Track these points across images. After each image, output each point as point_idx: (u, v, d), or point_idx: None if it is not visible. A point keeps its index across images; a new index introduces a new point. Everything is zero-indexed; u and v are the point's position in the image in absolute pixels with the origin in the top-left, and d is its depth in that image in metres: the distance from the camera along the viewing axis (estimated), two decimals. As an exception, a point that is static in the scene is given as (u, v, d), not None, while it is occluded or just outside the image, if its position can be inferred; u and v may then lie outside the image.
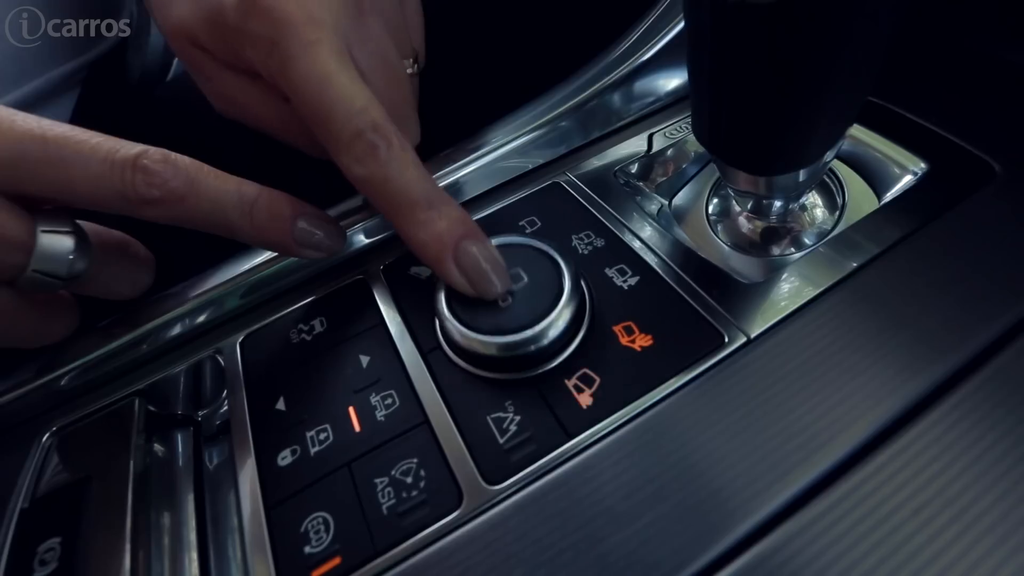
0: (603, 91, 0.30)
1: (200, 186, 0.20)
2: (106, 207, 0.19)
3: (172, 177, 0.20)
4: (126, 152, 0.19)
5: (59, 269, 0.20)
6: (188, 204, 0.20)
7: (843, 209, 0.25)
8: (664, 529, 0.16)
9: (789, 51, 0.17)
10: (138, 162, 0.19)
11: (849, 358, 0.19)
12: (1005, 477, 0.16)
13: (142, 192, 0.19)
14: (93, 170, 0.19)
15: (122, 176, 0.19)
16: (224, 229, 0.22)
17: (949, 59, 0.28)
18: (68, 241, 0.20)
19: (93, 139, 0.19)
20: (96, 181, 0.19)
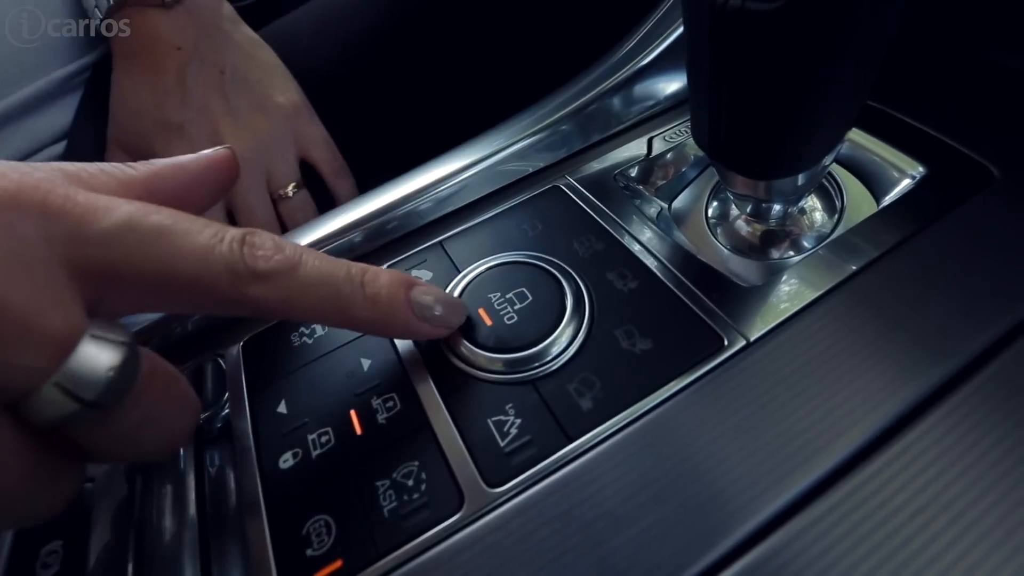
0: (603, 95, 0.30)
1: (308, 256, 0.19)
2: (210, 286, 0.17)
3: (280, 249, 0.18)
4: (233, 230, 0.18)
5: (87, 389, 0.15)
6: (299, 275, 0.18)
7: (842, 212, 0.25)
8: (664, 532, 0.16)
9: (788, 57, 0.17)
10: (247, 237, 0.18)
11: (848, 361, 0.19)
12: (1002, 480, 0.16)
13: (251, 264, 0.17)
14: (201, 242, 0.17)
15: (231, 248, 0.17)
16: (334, 304, 0.19)
17: (947, 64, 0.28)
18: (115, 354, 0.15)
19: (197, 220, 0.18)
20: (204, 253, 0.17)
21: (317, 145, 0.40)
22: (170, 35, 0.35)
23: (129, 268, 0.16)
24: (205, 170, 0.21)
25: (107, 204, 0.16)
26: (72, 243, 0.15)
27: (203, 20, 0.37)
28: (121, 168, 0.19)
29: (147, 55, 0.35)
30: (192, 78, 0.36)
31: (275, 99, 0.38)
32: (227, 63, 0.37)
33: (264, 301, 0.18)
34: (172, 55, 0.35)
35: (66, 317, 0.15)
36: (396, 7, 0.41)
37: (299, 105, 0.39)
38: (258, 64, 0.39)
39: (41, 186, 0.15)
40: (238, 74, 0.38)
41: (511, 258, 0.24)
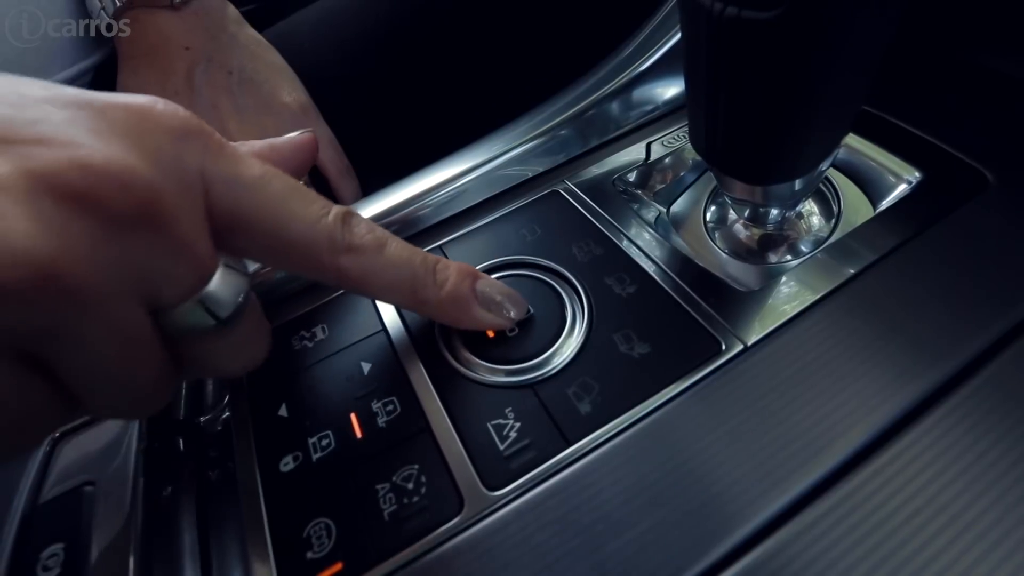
0: (602, 100, 0.30)
1: (393, 240, 0.21)
2: (310, 250, 0.19)
3: (372, 230, 0.20)
4: (338, 207, 0.20)
5: (223, 308, 0.17)
6: (384, 254, 0.20)
7: (839, 217, 0.26)
8: (662, 535, 0.16)
9: (784, 64, 0.17)
10: (347, 215, 0.20)
11: (844, 365, 0.19)
12: (998, 482, 0.16)
13: (348, 238, 0.19)
14: (313, 211, 0.19)
15: (335, 221, 0.19)
16: (408, 285, 0.21)
17: (943, 70, 0.28)
18: (243, 281, 0.18)
19: (310, 192, 0.19)
20: (313, 221, 0.19)
21: (323, 145, 0.40)
22: (179, 36, 0.36)
23: (256, 219, 0.18)
24: (293, 151, 0.23)
25: (248, 159, 0.18)
26: (223, 184, 0.17)
27: (211, 22, 0.37)
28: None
29: (155, 56, 0.35)
30: (200, 78, 0.36)
31: (282, 99, 0.38)
32: (234, 64, 0.37)
33: (349, 272, 0.20)
34: (181, 55, 0.36)
35: (209, 246, 0.17)
36: (396, 11, 0.42)
37: (305, 105, 0.40)
38: (264, 65, 0.39)
39: (204, 127, 0.17)
40: (245, 75, 0.38)
41: (512, 270, 0.24)
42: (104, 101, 0.15)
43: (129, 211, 0.14)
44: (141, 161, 0.15)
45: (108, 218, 0.14)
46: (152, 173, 0.15)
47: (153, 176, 0.15)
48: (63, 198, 0.13)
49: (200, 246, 0.16)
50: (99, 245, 0.14)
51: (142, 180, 0.15)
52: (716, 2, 0.16)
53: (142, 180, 0.15)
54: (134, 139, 0.15)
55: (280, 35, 0.42)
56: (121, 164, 0.14)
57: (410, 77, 0.41)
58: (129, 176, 0.14)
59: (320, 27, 0.43)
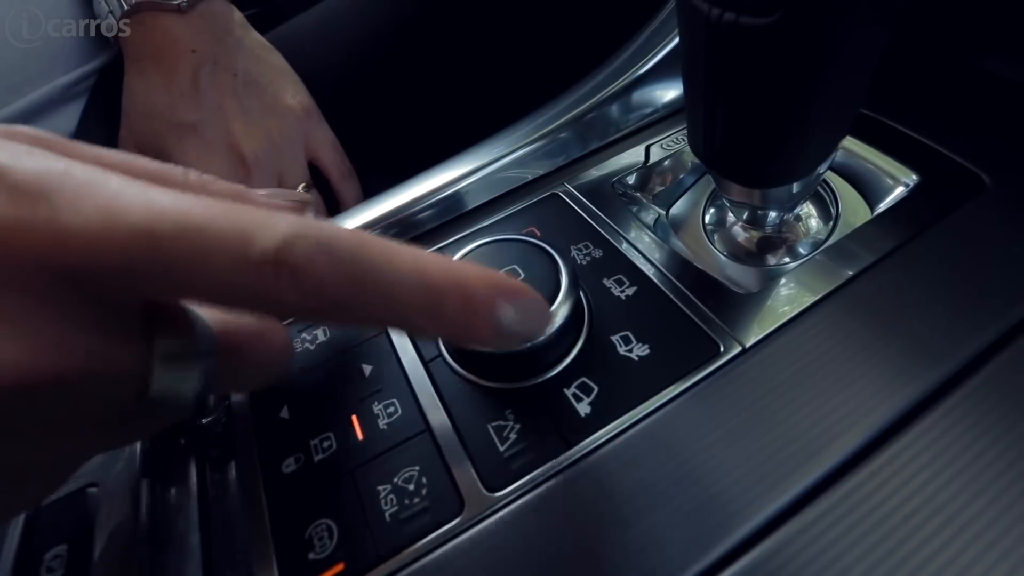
0: (601, 103, 0.30)
1: (368, 278, 0.14)
2: (247, 311, 0.15)
3: (329, 273, 0.13)
4: (264, 244, 0.13)
5: (182, 395, 0.15)
6: (351, 310, 0.14)
7: (837, 219, 0.26)
8: (661, 536, 0.17)
9: (781, 70, 0.17)
10: (280, 257, 0.13)
11: (842, 367, 0.19)
12: (994, 483, 0.16)
13: (290, 303, 0.13)
14: (222, 273, 0.13)
15: (260, 278, 0.13)
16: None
17: (940, 72, 0.28)
18: (193, 372, 0.15)
19: (215, 223, 0.13)
20: (228, 288, 0.13)
21: (325, 148, 0.40)
22: (185, 39, 0.36)
23: (150, 295, 0.15)
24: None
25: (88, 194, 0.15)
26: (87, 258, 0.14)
27: (216, 25, 0.38)
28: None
29: (162, 58, 0.36)
30: (206, 80, 0.36)
31: (286, 101, 0.39)
32: (239, 66, 0.38)
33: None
34: (187, 58, 0.36)
35: (126, 351, 0.14)
36: (396, 14, 0.42)
37: (309, 108, 0.40)
38: (269, 67, 0.39)
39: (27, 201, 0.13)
40: (250, 77, 0.38)
41: (503, 236, 0.23)
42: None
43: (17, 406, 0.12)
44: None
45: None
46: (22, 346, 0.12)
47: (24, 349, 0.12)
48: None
49: (112, 367, 0.13)
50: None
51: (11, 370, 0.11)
52: (714, 8, 0.17)
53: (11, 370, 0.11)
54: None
55: (282, 38, 0.42)
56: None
57: (411, 80, 0.41)
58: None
59: (321, 31, 0.44)
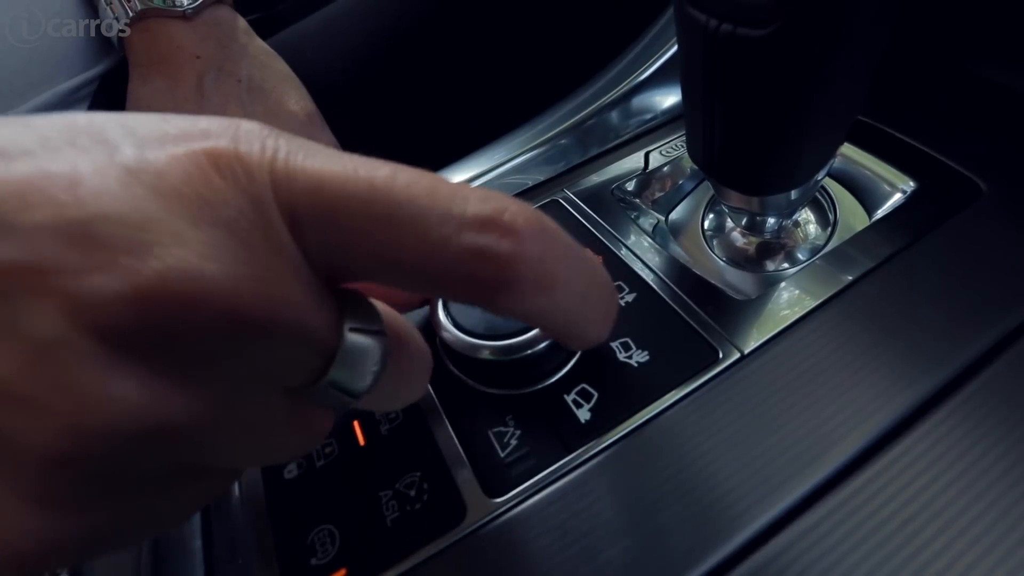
0: (601, 110, 0.31)
1: (575, 267, 0.13)
2: (439, 287, 0.13)
3: (546, 251, 0.13)
4: (483, 206, 0.12)
5: (357, 383, 0.14)
6: (556, 295, 0.13)
7: (835, 225, 0.26)
8: (660, 541, 0.17)
9: (779, 80, 0.17)
10: (500, 221, 0.12)
11: (841, 372, 0.19)
12: (991, 488, 0.16)
13: (502, 272, 0.12)
14: (430, 232, 0.12)
15: (474, 244, 0.12)
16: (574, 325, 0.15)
17: (937, 79, 0.28)
18: (376, 348, 0.14)
19: (423, 180, 0.12)
20: (433, 250, 0.12)
21: None
22: (190, 45, 0.36)
23: (350, 264, 0.14)
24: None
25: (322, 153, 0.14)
26: (313, 210, 0.13)
27: (221, 32, 0.38)
28: None
29: (166, 64, 0.36)
30: (210, 86, 0.37)
31: (289, 107, 0.39)
32: (243, 72, 0.38)
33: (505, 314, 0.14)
34: (191, 64, 0.36)
35: (326, 317, 0.13)
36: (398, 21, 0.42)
37: (312, 113, 0.40)
38: (273, 73, 0.40)
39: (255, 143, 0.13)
40: (254, 83, 0.38)
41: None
42: (154, 158, 0.11)
43: (221, 336, 0.11)
44: (222, 261, 0.11)
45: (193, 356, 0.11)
46: (245, 274, 0.11)
47: (246, 278, 0.11)
48: (131, 348, 0.10)
49: (313, 323, 0.13)
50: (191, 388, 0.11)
51: (231, 295, 0.11)
52: (712, 19, 0.17)
53: (231, 295, 0.11)
54: (206, 218, 0.11)
55: (284, 43, 0.42)
56: (199, 286, 0.10)
57: (413, 86, 0.41)
58: (212, 297, 0.11)
59: (323, 36, 0.44)
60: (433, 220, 0.12)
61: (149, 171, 0.11)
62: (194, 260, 0.11)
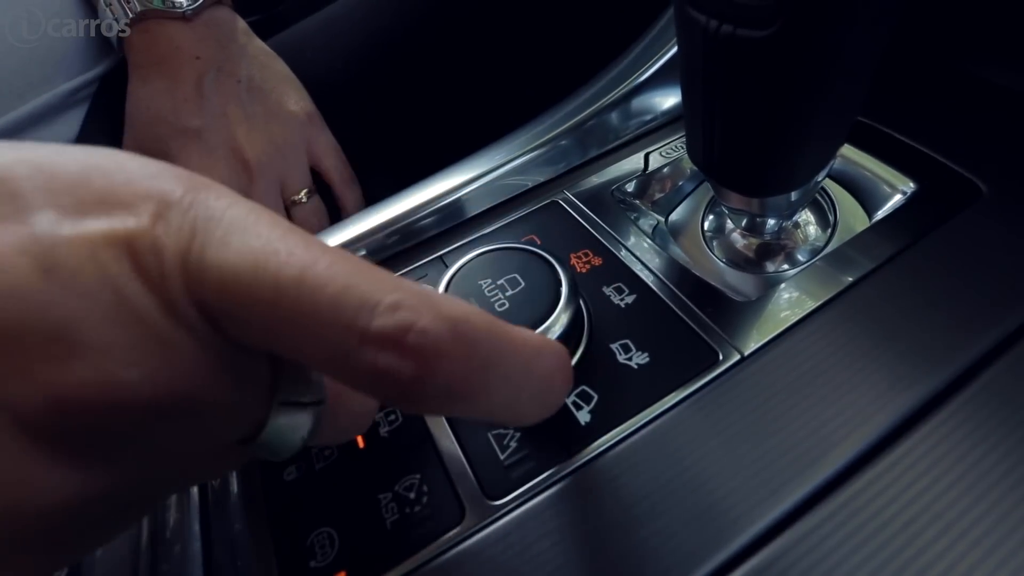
0: (601, 110, 0.31)
1: (501, 371, 0.13)
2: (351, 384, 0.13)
3: (460, 365, 0.12)
4: (387, 320, 0.11)
5: (284, 449, 0.14)
6: (475, 403, 0.13)
7: (835, 227, 0.26)
8: (660, 544, 0.17)
9: (779, 81, 0.17)
10: (404, 340, 0.11)
11: (841, 374, 0.19)
12: (992, 490, 0.16)
13: (407, 390, 0.12)
14: (333, 343, 0.11)
15: (375, 363, 0.11)
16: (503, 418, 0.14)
17: (937, 80, 0.28)
18: (307, 418, 0.14)
19: (335, 279, 0.11)
20: (338, 360, 0.12)
21: (328, 153, 0.40)
22: (190, 46, 0.36)
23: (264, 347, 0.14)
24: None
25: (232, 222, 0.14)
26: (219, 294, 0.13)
27: (221, 33, 0.38)
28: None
29: (167, 64, 0.36)
30: (210, 86, 0.37)
31: (289, 107, 0.39)
32: (243, 73, 0.38)
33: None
34: (191, 64, 0.36)
35: (255, 391, 0.13)
36: (397, 22, 0.42)
37: (311, 114, 0.40)
38: (272, 74, 0.40)
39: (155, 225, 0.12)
40: (254, 83, 0.38)
41: (505, 245, 0.23)
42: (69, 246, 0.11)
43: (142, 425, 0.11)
44: (139, 365, 0.11)
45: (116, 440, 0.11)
46: (162, 374, 0.11)
47: (164, 378, 0.11)
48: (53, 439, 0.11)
49: (237, 404, 0.13)
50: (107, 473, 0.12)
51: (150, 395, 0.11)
52: (712, 20, 0.17)
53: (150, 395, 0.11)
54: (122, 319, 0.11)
55: (283, 44, 0.42)
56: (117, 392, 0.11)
57: (412, 87, 0.41)
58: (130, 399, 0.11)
59: (322, 37, 0.44)
60: (335, 331, 0.11)
61: (64, 267, 0.11)
62: (111, 368, 0.11)
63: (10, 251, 0.10)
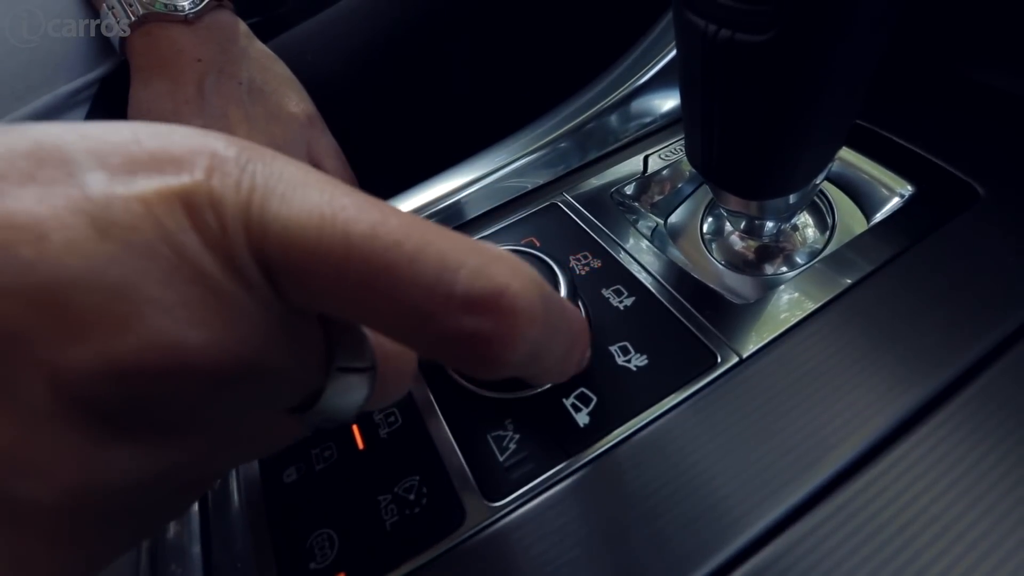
0: (600, 113, 0.31)
1: (565, 324, 0.14)
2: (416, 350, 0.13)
3: (542, 332, 0.12)
4: (481, 282, 0.11)
5: (342, 414, 0.14)
6: (541, 363, 0.13)
7: (833, 229, 0.26)
8: (658, 546, 0.17)
9: (777, 85, 0.17)
10: (491, 301, 0.11)
11: (839, 376, 0.19)
12: (988, 493, 0.16)
13: (483, 354, 0.12)
14: (413, 307, 0.11)
15: (455, 326, 0.11)
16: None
17: (934, 84, 0.29)
18: (363, 383, 0.14)
19: (411, 235, 0.11)
20: (407, 321, 0.11)
21: (328, 155, 0.40)
22: (191, 48, 0.36)
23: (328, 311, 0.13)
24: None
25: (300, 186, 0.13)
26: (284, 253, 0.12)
27: (222, 35, 0.38)
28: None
29: (168, 67, 0.36)
30: (211, 88, 0.37)
31: (290, 109, 0.39)
32: (244, 75, 0.38)
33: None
34: (192, 67, 0.36)
35: (310, 358, 0.13)
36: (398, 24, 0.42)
37: (312, 115, 0.40)
38: (273, 76, 0.40)
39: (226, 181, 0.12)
40: (255, 85, 0.39)
41: (504, 248, 0.23)
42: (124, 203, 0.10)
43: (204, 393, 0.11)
44: (200, 326, 0.10)
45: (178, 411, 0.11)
46: (224, 335, 0.11)
47: (226, 339, 0.11)
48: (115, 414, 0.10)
49: (297, 369, 0.12)
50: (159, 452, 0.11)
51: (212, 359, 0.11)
52: (711, 25, 0.17)
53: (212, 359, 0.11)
54: (182, 277, 0.10)
55: (284, 46, 0.42)
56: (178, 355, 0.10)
57: (412, 89, 0.41)
58: (192, 364, 0.10)
59: (323, 39, 0.44)
60: (416, 293, 0.11)
61: (120, 224, 0.10)
62: (172, 330, 0.10)
63: (64, 211, 0.10)
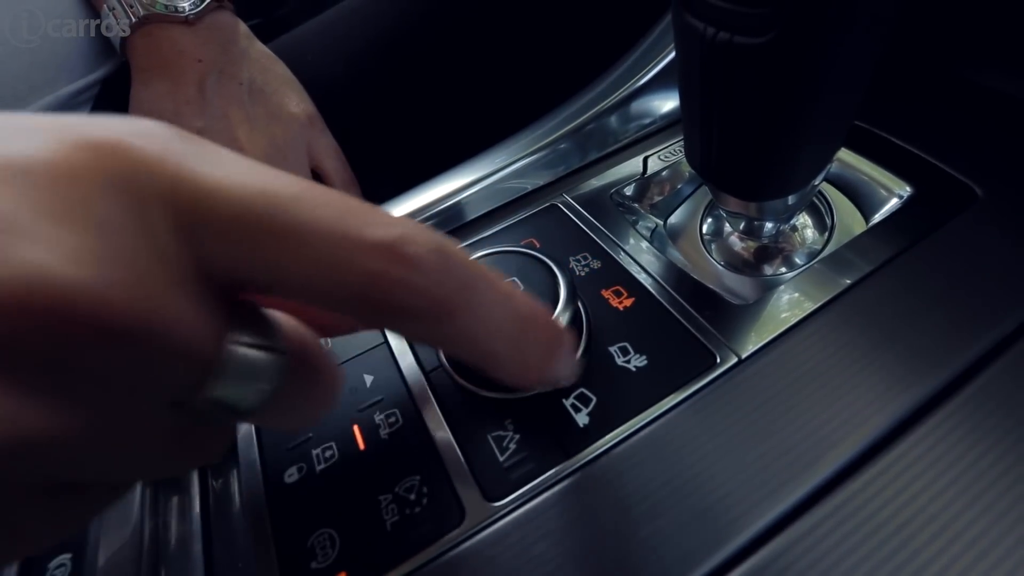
0: (600, 114, 0.31)
1: (475, 292, 0.14)
2: (336, 308, 0.13)
3: (444, 279, 0.13)
4: (383, 232, 0.12)
5: (241, 401, 0.13)
6: (456, 325, 0.13)
7: (832, 230, 0.26)
8: (657, 546, 0.17)
9: (776, 86, 0.17)
10: (398, 249, 0.12)
11: (838, 376, 0.20)
12: (987, 492, 0.16)
13: (396, 298, 0.12)
14: (327, 254, 0.12)
15: (369, 269, 0.12)
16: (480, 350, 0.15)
17: (933, 85, 0.29)
18: (267, 364, 0.13)
19: (331, 201, 0.12)
20: (328, 272, 0.12)
21: (328, 155, 0.41)
22: (192, 49, 0.37)
23: (242, 275, 0.13)
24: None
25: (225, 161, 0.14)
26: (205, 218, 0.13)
27: (223, 36, 0.38)
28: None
29: (169, 68, 0.36)
30: (212, 89, 0.37)
31: (290, 109, 0.39)
32: (245, 75, 0.38)
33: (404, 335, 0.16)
34: (193, 67, 0.37)
35: (206, 329, 0.12)
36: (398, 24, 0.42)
37: (312, 116, 0.40)
38: (274, 76, 0.40)
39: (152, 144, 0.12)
40: (255, 86, 0.39)
41: (504, 248, 0.23)
42: (36, 147, 0.10)
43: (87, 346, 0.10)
44: (86, 266, 0.10)
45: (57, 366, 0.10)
46: (111, 280, 0.10)
47: (112, 284, 0.10)
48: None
49: (190, 333, 0.12)
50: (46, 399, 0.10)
51: (95, 302, 0.10)
52: (709, 27, 0.17)
53: (95, 302, 0.10)
54: (78, 218, 0.10)
55: (284, 47, 0.43)
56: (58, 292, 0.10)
57: (412, 89, 0.42)
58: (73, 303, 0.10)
59: (323, 40, 0.44)
60: (332, 241, 0.12)
61: (22, 161, 0.10)
62: (53, 264, 0.10)
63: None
